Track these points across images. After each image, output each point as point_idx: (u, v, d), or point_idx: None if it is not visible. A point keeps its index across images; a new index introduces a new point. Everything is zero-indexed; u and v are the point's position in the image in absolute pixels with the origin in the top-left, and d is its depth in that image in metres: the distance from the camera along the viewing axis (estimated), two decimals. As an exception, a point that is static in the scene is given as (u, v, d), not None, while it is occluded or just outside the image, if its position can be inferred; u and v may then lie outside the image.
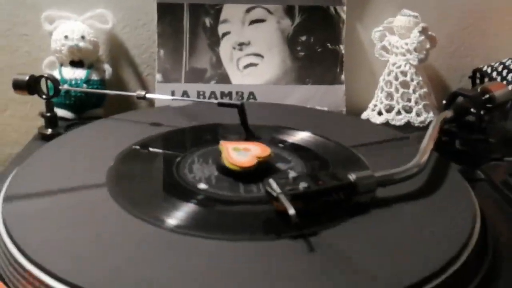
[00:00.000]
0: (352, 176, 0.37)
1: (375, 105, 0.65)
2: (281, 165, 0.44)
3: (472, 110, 0.52)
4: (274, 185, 0.35)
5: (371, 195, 0.38)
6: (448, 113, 0.51)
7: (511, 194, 0.45)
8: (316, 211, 0.36)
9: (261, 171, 0.42)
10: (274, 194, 0.35)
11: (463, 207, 0.39)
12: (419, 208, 0.39)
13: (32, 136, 0.59)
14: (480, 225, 0.37)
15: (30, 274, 0.31)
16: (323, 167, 0.45)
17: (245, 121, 0.51)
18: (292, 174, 0.37)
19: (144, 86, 0.71)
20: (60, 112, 0.62)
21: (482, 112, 0.52)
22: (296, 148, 0.48)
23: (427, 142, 0.44)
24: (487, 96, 0.53)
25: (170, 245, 0.33)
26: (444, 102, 0.54)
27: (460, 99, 0.53)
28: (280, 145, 0.49)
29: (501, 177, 0.48)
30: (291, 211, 0.32)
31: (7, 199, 0.39)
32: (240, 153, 0.42)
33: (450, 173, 0.45)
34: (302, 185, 0.36)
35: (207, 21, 0.66)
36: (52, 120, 0.57)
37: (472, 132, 0.52)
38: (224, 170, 0.42)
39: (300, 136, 0.51)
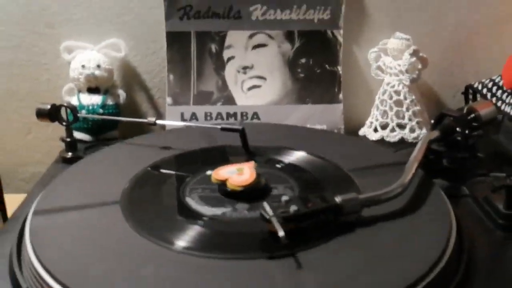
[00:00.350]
0: (338, 199, 0.41)
1: (371, 122, 0.69)
2: (277, 186, 0.49)
3: (458, 129, 0.56)
4: (267, 208, 0.40)
5: (357, 215, 0.42)
6: (435, 133, 0.54)
7: (491, 210, 0.48)
8: (306, 231, 0.40)
9: (257, 192, 0.46)
10: (267, 216, 0.39)
11: (441, 224, 0.43)
12: (401, 225, 0.43)
13: (54, 156, 0.64)
14: (456, 241, 0.41)
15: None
16: (316, 188, 0.49)
17: (246, 144, 0.56)
18: (284, 197, 0.41)
19: (156, 109, 0.75)
20: (79, 135, 0.68)
21: (467, 131, 0.55)
22: (292, 169, 0.52)
23: (412, 163, 0.48)
24: (472, 115, 0.56)
25: (173, 264, 0.38)
26: (432, 121, 0.58)
27: (447, 119, 0.57)
28: (278, 165, 0.53)
29: (485, 193, 0.50)
30: (281, 233, 0.37)
31: (34, 220, 0.44)
32: (233, 172, 0.47)
33: (433, 190, 0.48)
34: (293, 208, 0.40)
35: (213, 47, 0.71)
36: (72, 145, 0.62)
37: (459, 150, 0.56)
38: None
39: (297, 157, 0.55)
